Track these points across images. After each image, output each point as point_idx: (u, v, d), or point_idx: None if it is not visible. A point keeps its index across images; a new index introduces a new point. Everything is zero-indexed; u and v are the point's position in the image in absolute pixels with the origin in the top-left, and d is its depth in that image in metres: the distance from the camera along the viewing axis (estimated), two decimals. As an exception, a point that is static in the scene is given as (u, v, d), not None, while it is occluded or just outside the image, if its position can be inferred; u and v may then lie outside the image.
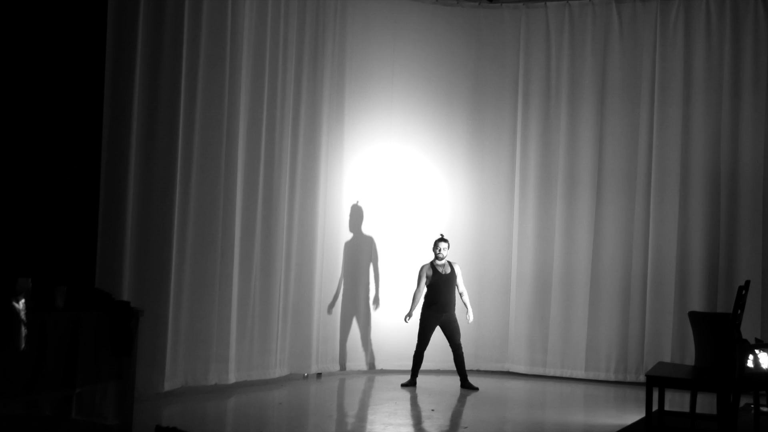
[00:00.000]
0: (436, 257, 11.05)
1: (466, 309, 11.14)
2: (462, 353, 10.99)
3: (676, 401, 9.57)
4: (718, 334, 7.82)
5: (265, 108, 10.73)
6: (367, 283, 12.18)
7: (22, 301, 6.46)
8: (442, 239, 11.10)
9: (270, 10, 10.79)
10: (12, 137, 8.18)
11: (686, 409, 8.74)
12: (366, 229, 12.14)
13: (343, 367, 11.91)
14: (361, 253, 12.15)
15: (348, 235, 12.03)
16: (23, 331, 6.45)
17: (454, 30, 12.69)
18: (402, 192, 12.41)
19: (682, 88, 11.81)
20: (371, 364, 12.15)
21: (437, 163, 12.58)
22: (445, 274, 11.02)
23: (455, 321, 10.98)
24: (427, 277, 11.02)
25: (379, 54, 12.29)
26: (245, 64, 10.44)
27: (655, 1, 11.96)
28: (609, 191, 12.09)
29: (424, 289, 11.05)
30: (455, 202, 12.61)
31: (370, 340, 12.16)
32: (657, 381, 7.72)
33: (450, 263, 11.10)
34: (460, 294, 11.13)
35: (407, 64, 12.46)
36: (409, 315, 11.09)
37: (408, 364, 11.33)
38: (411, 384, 10.97)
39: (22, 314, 6.43)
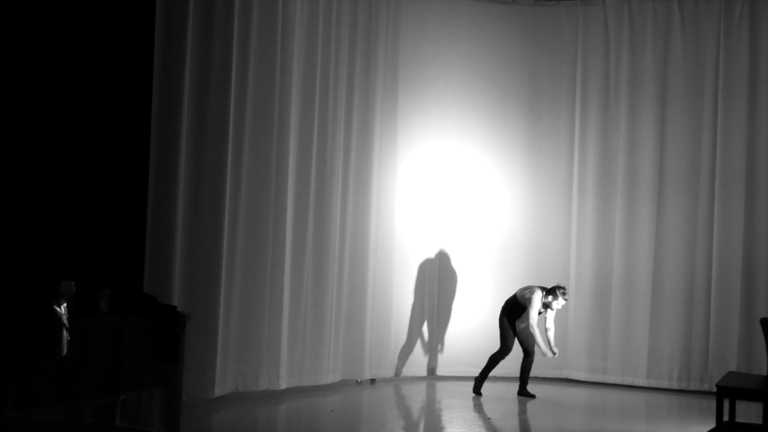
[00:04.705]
0: (549, 305, 10.63)
1: (549, 345, 10.73)
2: (533, 361, 10.74)
3: (743, 411, 9.19)
4: (791, 343, 7.52)
5: (316, 108, 10.57)
6: (435, 285, 12.00)
7: (64, 305, 6.34)
8: (565, 296, 10.68)
9: (321, 9, 10.64)
10: (58, 138, 8.12)
11: (757, 420, 8.39)
12: (452, 263, 12.08)
13: (397, 372, 11.70)
14: (431, 261, 12.00)
15: (407, 238, 11.85)
16: (65, 335, 6.32)
17: (510, 29, 12.44)
18: (457, 191, 12.18)
19: (747, 86, 11.44)
20: (432, 370, 11.95)
21: (494, 163, 12.32)
22: (541, 314, 10.67)
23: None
24: (537, 309, 10.53)
25: (433, 52, 12.09)
26: (296, 64, 10.29)
27: (718, -5, 11.65)
28: (671, 193, 11.74)
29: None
30: (512, 204, 12.34)
31: (435, 344, 11.95)
32: (728, 392, 7.41)
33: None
34: (547, 329, 10.78)
35: (462, 63, 12.24)
36: (553, 352, 10.61)
37: (466, 371, 11.29)
38: (478, 392, 10.71)
39: (64, 318, 6.31)
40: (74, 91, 8.20)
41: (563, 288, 10.71)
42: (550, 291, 10.64)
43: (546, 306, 10.64)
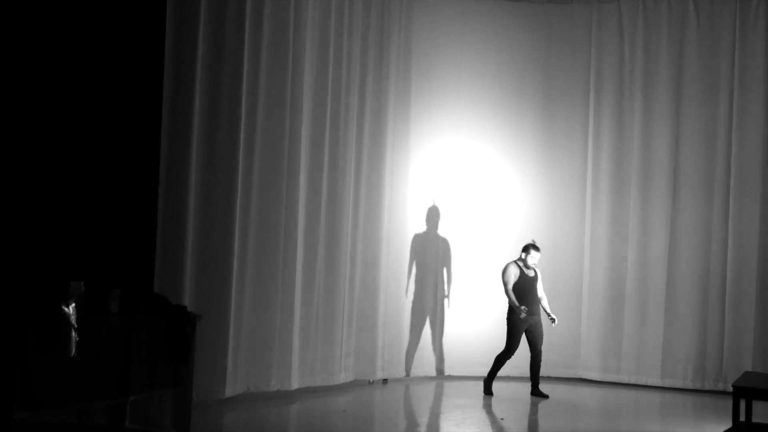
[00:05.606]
0: (525, 263, 10.68)
1: (547, 315, 10.75)
2: (540, 360, 10.68)
3: (758, 412, 9.10)
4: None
5: (329, 106, 10.52)
6: (439, 284, 11.90)
7: (72, 305, 6.28)
8: (536, 248, 10.70)
9: (333, 7, 10.58)
10: (69, 138, 8.08)
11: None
12: (439, 229, 11.91)
13: (408, 372, 11.63)
14: (430, 254, 11.88)
15: (415, 236, 11.77)
16: (73, 336, 6.27)
17: (523, 27, 12.36)
18: (470, 189, 12.11)
19: (763, 83, 11.36)
20: (440, 370, 11.86)
21: (508, 161, 12.25)
22: (531, 277, 10.66)
23: (541, 326, 10.65)
24: (514, 276, 10.62)
25: (445, 50, 12.04)
26: (309, 62, 10.24)
27: (734, -9, 11.55)
28: (686, 191, 11.65)
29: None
30: (525, 203, 12.27)
31: (440, 345, 11.88)
32: (745, 392, 7.33)
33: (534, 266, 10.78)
34: (540, 299, 10.76)
35: (475, 61, 12.17)
36: (522, 308, 10.46)
37: (476, 371, 11.20)
38: (489, 392, 10.63)
39: (72, 319, 6.25)
40: (84, 92, 8.17)
41: (532, 241, 10.79)
42: (522, 250, 10.72)
43: (525, 265, 10.64)
